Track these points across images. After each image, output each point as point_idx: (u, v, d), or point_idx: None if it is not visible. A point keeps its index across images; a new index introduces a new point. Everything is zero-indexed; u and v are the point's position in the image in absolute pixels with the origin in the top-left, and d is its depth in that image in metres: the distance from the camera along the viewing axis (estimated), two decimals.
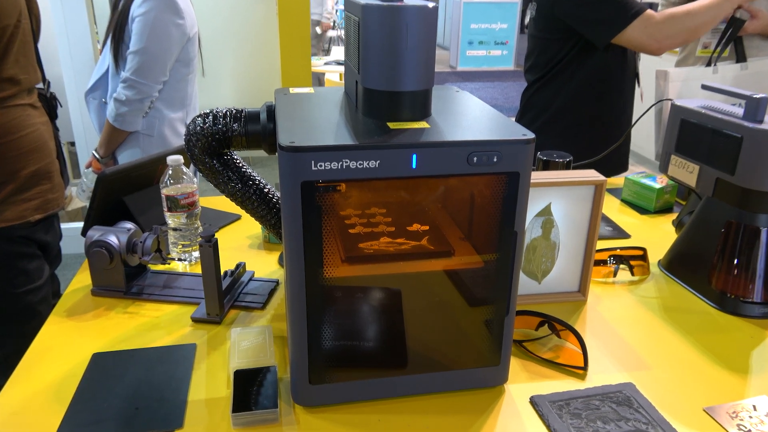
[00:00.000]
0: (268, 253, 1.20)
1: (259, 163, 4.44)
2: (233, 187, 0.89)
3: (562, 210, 0.99)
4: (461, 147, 0.67)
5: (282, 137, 0.65)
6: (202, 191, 3.81)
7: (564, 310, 1.00)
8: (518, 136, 0.68)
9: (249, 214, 0.94)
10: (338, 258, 0.70)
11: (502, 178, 0.69)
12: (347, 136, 0.67)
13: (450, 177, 0.69)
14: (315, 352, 0.74)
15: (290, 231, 0.67)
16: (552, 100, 1.60)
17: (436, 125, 0.72)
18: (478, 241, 0.73)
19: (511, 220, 0.72)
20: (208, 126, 0.83)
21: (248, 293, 1.04)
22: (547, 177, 0.97)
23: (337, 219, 0.68)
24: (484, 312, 0.77)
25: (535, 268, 1.02)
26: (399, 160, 0.66)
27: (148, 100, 1.75)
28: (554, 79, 1.59)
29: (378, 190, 0.69)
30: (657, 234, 1.29)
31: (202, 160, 0.86)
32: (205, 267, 0.92)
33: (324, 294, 0.71)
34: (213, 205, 1.42)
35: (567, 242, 1.01)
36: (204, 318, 0.96)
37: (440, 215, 0.72)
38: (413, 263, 0.73)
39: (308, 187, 0.65)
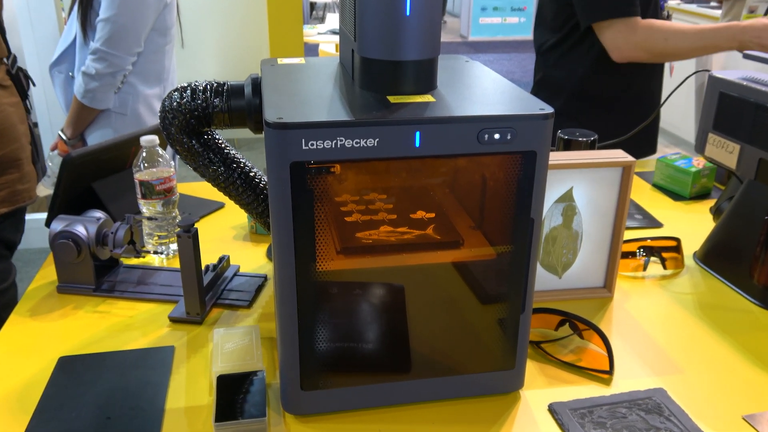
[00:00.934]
0: (254, 245, 1.20)
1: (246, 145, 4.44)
2: (215, 171, 0.88)
3: (586, 195, 0.99)
4: (471, 123, 0.66)
5: (268, 113, 0.65)
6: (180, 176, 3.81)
7: (587, 308, 1.00)
8: (535, 111, 0.68)
9: (233, 202, 0.94)
10: (333, 250, 0.70)
11: (517, 159, 0.69)
12: (342, 111, 0.66)
13: (458, 157, 0.69)
14: (307, 354, 0.74)
15: (279, 219, 0.67)
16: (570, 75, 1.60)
17: (442, 99, 0.71)
18: (490, 230, 0.73)
19: (528, 207, 0.71)
20: (185, 101, 0.83)
21: (233, 290, 1.04)
22: (569, 158, 0.97)
23: (331, 205, 0.68)
24: (497, 310, 0.76)
25: (555, 260, 1.02)
26: (400, 138, 0.65)
27: (121, 73, 1.74)
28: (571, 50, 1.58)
29: (377, 172, 0.69)
30: (692, 222, 1.29)
31: (179, 140, 0.86)
32: (184, 261, 0.92)
33: (317, 290, 0.71)
34: (193, 192, 1.42)
35: (591, 232, 1.01)
36: (183, 317, 0.96)
37: (447, 201, 0.72)
38: (417, 255, 0.73)
39: (298, 169, 0.65)
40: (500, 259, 0.74)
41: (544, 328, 0.94)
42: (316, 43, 4.41)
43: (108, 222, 1.04)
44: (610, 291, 1.04)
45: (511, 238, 0.73)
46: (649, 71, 1.61)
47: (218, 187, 0.91)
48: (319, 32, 4.56)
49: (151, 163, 1.12)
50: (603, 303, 1.02)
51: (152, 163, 1.12)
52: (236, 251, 1.17)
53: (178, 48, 2.17)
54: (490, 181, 0.71)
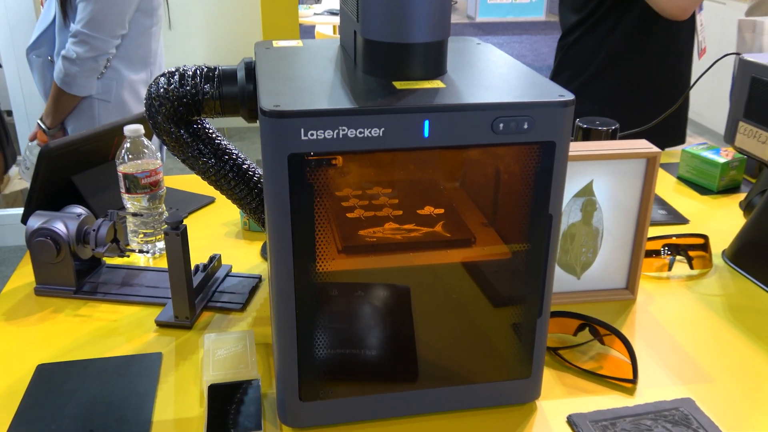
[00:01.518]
0: (248, 243, 1.20)
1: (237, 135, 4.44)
2: (205, 163, 0.88)
3: (607, 189, 0.98)
4: (484, 111, 0.66)
5: (264, 100, 0.65)
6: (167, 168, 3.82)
7: (608, 311, 1.00)
8: (554, 98, 0.67)
9: (225, 196, 0.93)
10: (334, 248, 0.70)
11: (534, 150, 0.69)
12: (344, 98, 0.66)
13: (470, 148, 0.68)
14: (306, 362, 0.74)
15: (275, 216, 0.67)
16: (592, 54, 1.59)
17: (452, 84, 0.71)
18: (504, 227, 0.73)
19: (546, 202, 0.71)
20: (173, 87, 0.82)
21: (225, 291, 1.04)
22: (589, 149, 0.96)
23: (332, 200, 0.67)
24: (511, 313, 0.76)
25: (574, 260, 1.01)
26: (408, 127, 0.65)
27: (104, 58, 1.74)
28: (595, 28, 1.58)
29: (382, 164, 0.68)
30: (721, 218, 1.28)
31: (166, 129, 0.85)
32: (172, 260, 0.92)
33: (317, 292, 0.71)
34: (181, 186, 1.41)
35: (612, 228, 1.01)
36: (171, 322, 0.96)
37: (458, 196, 0.71)
38: (425, 254, 0.73)
39: (297, 162, 0.64)
40: (515, 258, 0.74)
41: (562, 333, 0.93)
42: (312, 24, 4.40)
43: (89, 218, 1.04)
44: (632, 293, 1.03)
45: (527, 236, 0.73)
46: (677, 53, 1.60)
47: (208, 181, 0.91)
48: (315, 13, 4.55)
49: (136, 154, 1.12)
50: (625, 306, 1.02)
51: (137, 155, 1.12)
52: (228, 250, 1.17)
53: (166, 30, 2.17)
54: (504, 174, 0.71)
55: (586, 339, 0.92)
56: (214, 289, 1.04)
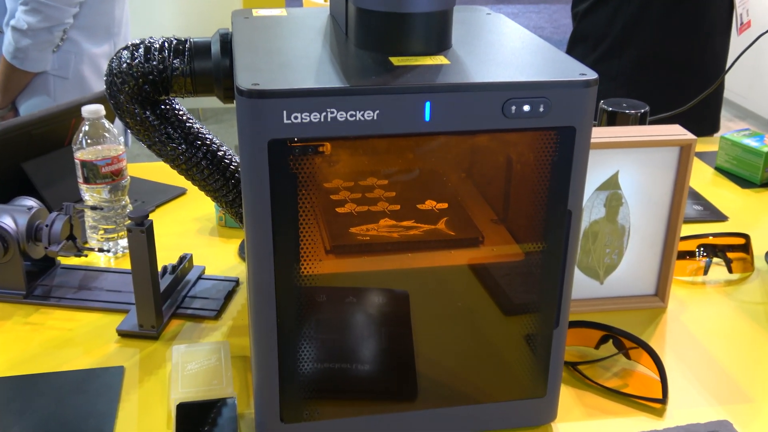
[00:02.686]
0: (224, 241, 1.20)
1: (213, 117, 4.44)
2: (175, 149, 0.88)
3: (635, 181, 0.98)
4: (494, 92, 0.66)
5: (241, 78, 0.65)
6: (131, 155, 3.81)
7: (635, 321, 1.00)
8: (574, 76, 0.67)
9: (197, 187, 0.93)
10: (321, 248, 0.70)
11: (550, 136, 0.69)
12: (333, 76, 0.66)
13: (478, 134, 0.68)
14: (289, 378, 0.74)
15: (254, 210, 0.67)
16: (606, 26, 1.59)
17: (458, 61, 0.71)
18: (516, 225, 0.73)
19: (564, 196, 0.71)
20: (138, 62, 0.82)
21: (197, 297, 1.03)
22: (614, 135, 0.96)
23: (319, 193, 0.67)
24: (524, 323, 0.76)
25: (596, 262, 1.01)
26: (406, 109, 0.65)
27: (59, 28, 1.73)
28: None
29: (377, 152, 0.68)
30: (764, 215, 1.28)
31: (130, 110, 0.85)
32: (137, 260, 0.92)
33: (302, 298, 0.71)
34: (147, 175, 1.41)
35: (640, 226, 1.01)
36: (135, 331, 0.96)
37: (464, 188, 0.71)
38: (426, 255, 0.73)
39: (278, 148, 0.64)
40: (529, 260, 0.74)
41: (582, 345, 0.93)
42: None
43: (42, 212, 1.03)
44: (663, 300, 1.03)
45: (542, 235, 0.73)
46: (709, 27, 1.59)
47: (178, 169, 0.91)
48: None
49: (96, 139, 1.12)
50: (654, 315, 1.02)
51: (97, 139, 1.12)
52: (201, 249, 1.17)
53: None
54: (517, 164, 0.71)
55: (609, 353, 0.92)
56: (185, 294, 1.04)
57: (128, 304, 1.01)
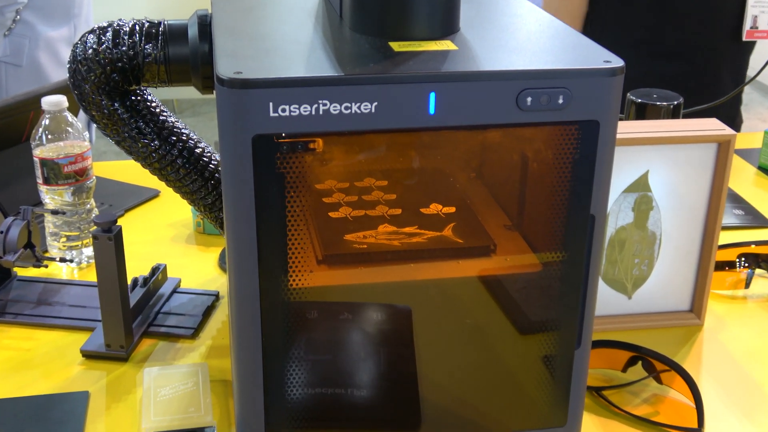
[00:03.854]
0: (202, 249, 1.20)
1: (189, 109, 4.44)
2: (147, 146, 0.88)
3: (667, 182, 0.98)
4: (507, 81, 0.66)
5: (222, 65, 0.65)
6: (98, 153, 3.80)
7: (668, 340, 1.00)
8: (598, 64, 0.67)
9: (172, 189, 0.93)
10: (313, 258, 0.70)
11: (571, 132, 0.69)
12: (326, 64, 0.66)
13: (489, 129, 0.68)
14: (275, 405, 0.74)
15: (236, 215, 0.67)
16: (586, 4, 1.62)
17: (467, 46, 0.71)
18: (533, 231, 0.73)
19: (587, 198, 0.71)
20: (105, 48, 0.83)
21: (171, 313, 1.04)
22: (643, 130, 0.96)
23: (310, 196, 0.67)
24: (542, 343, 0.76)
25: (623, 273, 1.01)
26: (408, 101, 0.65)
27: (11, 8, 1.73)
28: None
29: (375, 150, 0.68)
30: None
31: (96, 102, 0.85)
32: (103, 272, 0.92)
33: (290, 314, 0.71)
34: (115, 175, 1.41)
35: (673, 233, 1.01)
36: (102, 352, 0.96)
37: (474, 190, 0.71)
38: (430, 266, 0.73)
39: (264, 145, 0.64)
40: (547, 271, 0.74)
41: (607, 368, 0.93)
42: None
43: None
44: (699, 316, 1.03)
45: (562, 243, 0.72)
46: None
47: (151, 169, 0.91)
48: None
49: (57, 134, 1.12)
50: (689, 333, 1.02)
51: (58, 135, 1.12)
52: (176, 258, 1.17)
53: None
54: (533, 163, 0.71)
55: (638, 376, 0.92)
56: (158, 310, 1.04)
57: (94, 321, 1.01)
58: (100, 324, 0.98)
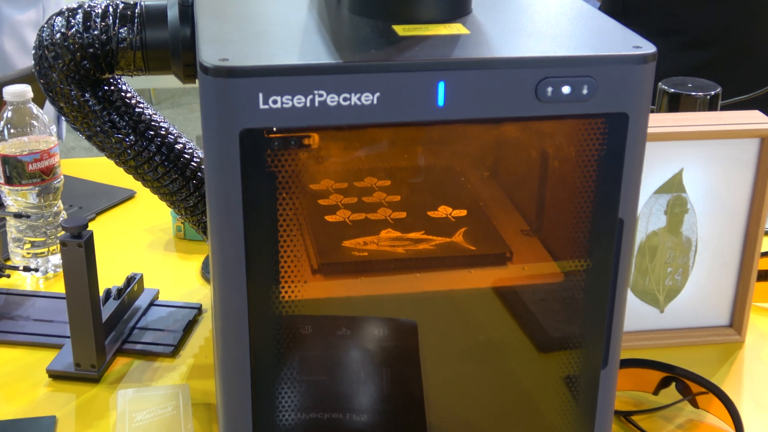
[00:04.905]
0: (183, 257, 1.20)
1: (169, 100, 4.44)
2: (121, 142, 0.88)
3: (704, 182, 0.98)
4: (525, 69, 0.66)
5: (206, 51, 0.65)
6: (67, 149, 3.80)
7: (705, 359, 1.00)
8: (626, 50, 0.67)
9: (149, 189, 0.93)
10: (307, 267, 0.70)
11: (596, 126, 0.69)
12: (322, 50, 0.66)
13: (505, 122, 0.68)
14: (265, 430, 0.73)
15: (221, 218, 0.67)
16: None
17: (479, 30, 0.71)
18: (553, 237, 0.73)
19: (614, 201, 0.71)
20: (75, 32, 0.83)
21: (148, 328, 1.04)
22: (677, 123, 0.96)
23: (304, 198, 0.68)
24: (564, 362, 0.76)
25: (655, 284, 1.01)
26: (414, 92, 0.65)
27: None
28: None
29: (377, 146, 0.68)
30: None
31: (64, 92, 0.85)
32: (72, 282, 0.92)
33: (281, 330, 0.71)
34: (85, 174, 1.41)
35: (711, 239, 1.01)
36: (70, 372, 0.96)
37: (487, 191, 0.71)
38: (439, 276, 0.73)
39: (253, 141, 0.65)
40: (569, 282, 0.74)
41: (637, 390, 0.93)
42: None
43: None
44: (739, 333, 1.03)
45: (586, 250, 0.72)
46: None
47: (125, 167, 0.91)
48: None
49: (21, 128, 1.12)
50: (729, 351, 1.02)
51: (22, 129, 1.12)
52: (154, 267, 1.17)
53: None
54: (554, 161, 0.71)
55: (671, 399, 0.92)
56: (133, 325, 1.04)
57: (62, 337, 1.01)
58: (68, 341, 0.98)
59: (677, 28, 1.64)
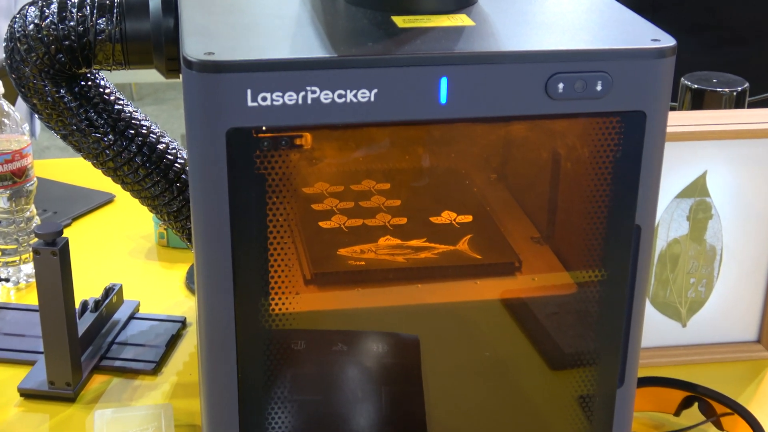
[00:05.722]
0: (166, 266, 1.20)
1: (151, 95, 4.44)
2: (99, 141, 0.88)
3: (729, 185, 0.99)
4: (534, 64, 0.66)
5: (191, 45, 0.65)
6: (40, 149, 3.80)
7: (730, 377, 1.00)
8: (644, 43, 0.67)
9: (129, 193, 0.93)
10: (299, 277, 0.70)
11: (612, 125, 0.69)
12: (315, 43, 0.66)
13: (513, 121, 0.68)
14: None
15: (206, 224, 0.67)
16: None
17: (485, 22, 0.71)
18: (566, 245, 0.73)
19: (631, 206, 0.71)
20: (50, 23, 0.83)
21: (128, 343, 1.04)
22: (701, 122, 0.96)
23: (297, 202, 0.68)
24: (577, 380, 0.76)
25: (676, 296, 1.01)
26: (415, 88, 0.65)
27: None
28: None
29: (375, 146, 0.69)
30: None
31: (38, 88, 0.86)
32: (46, 293, 0.92)
33: (272, 346, 0.71)
34: (60, 176, 1.41)
35: (737, 247, 1.01)
36: (44, 390, 0.96)
37: (494, 195, 0.71)
38: (442, 287, 0.73)
39: (241, 141, 0.65)
40: (583, 293, 0.74)
41: (656, 411, 0.94)
42: None
43: None
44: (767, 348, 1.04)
45: (601, 259, 0.73)
46: None
47: (104, 168, 0.91)
48: None
49: None
50: (756, 369, 1.02)
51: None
52: (135, 277, 1.17)
53: None
54: (566, 162, 0.71)
55: (694, 421, 0.92)
56: (112, 340, 1.04)
57: (34, 353, 1.01)
58: (41, 357, 0.98)
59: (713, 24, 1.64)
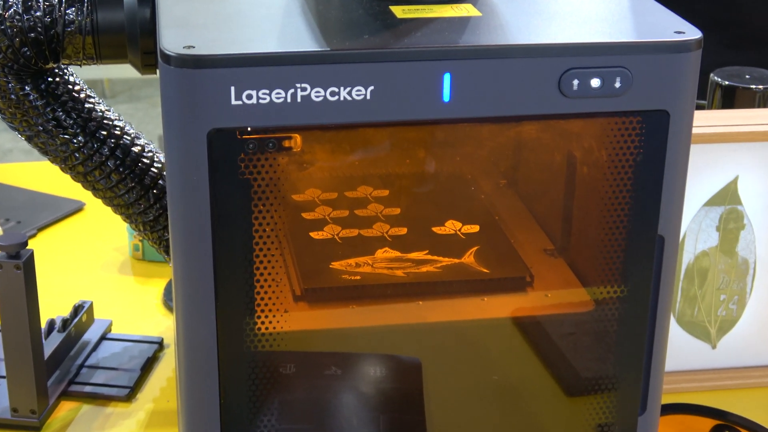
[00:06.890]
0: (141, 281, 1.20)
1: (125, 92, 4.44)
2: (67, 143, 0.88)
3: (763, 192, 0.99)
4: (547, 58, 0.66)
5: (168, 37, 0.65)
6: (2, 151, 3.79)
7: (764, 404, 1.00)
8: (667, 36, 0.68)
9: (101, 200, 0.93)
10: (288, 293, 0.70)
11: (632, 126, 0.69)
12: (306, 36, 0.67)
13: (523, 121, 0.69)
14: None
15: (186, 236, 0.67)
16: None
17: (492, 12, 0.71)
18: (581, 258, 0.73)
19: (654, 215, 0.71)
20: (13, 13, 0.83)
21: (99, 366, 1.04)
22: (731, 122, 0.97)
23: (285, 210, 0.68)
24: (595, 407, 0.76)
25: (705, 315, 1.01)
26: (415, 85, 0.65)
27: None
28: None
29: (372, 149, 0.69)
30: None
31: (0, 85, 0.85)
32: (8, 311, 0.92)
33: (257, 369, 0.71)
34: (25, 182, 1.42)
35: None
36: (6, 419, 0.96)
37: (503, 203, 0.71)
38: (446, 304, 0.73)
39: (224, 143, 0.65)
40: (601, 312, 0.74)
41: None
42: None
43: None
44: None
45: (621, 273, 0.73)
46: None
47: (72, 173, 0.91)
48: None
49: None
50: None
51: None
52: (107, 293, 1.17)
53: None
54: (582, 167, 0.71)
55: None
56: (82, 363, 1.04)
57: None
58: (3, 381, 0.98)
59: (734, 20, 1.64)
